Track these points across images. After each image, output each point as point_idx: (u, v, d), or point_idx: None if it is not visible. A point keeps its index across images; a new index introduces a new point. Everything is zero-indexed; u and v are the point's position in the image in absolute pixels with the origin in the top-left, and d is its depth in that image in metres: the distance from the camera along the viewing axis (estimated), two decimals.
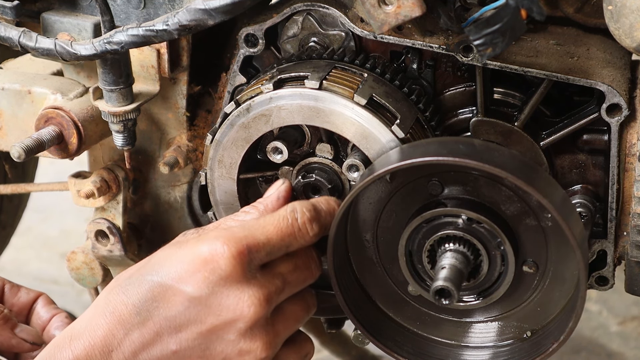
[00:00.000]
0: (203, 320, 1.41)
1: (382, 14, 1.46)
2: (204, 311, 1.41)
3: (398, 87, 1.62)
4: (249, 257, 1.42)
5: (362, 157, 1.57)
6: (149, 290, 1.41)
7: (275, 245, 1.45)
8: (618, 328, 3.14)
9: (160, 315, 1.41)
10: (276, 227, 1.46)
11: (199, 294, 1.40)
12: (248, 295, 1.41)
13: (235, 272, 1.40)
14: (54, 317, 1.64)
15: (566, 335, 1.49)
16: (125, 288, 1.43)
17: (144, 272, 1.44)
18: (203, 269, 1.40)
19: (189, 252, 1.43)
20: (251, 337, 1.42)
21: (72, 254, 1.93)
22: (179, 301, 1.40)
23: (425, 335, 1.64)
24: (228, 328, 1.41)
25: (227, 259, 1.40)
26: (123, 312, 1.41)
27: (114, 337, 1.40)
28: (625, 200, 1.60)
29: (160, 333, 1.41)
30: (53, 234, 3.78)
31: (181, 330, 1.41)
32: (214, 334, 1.42)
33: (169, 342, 1.41)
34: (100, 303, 1.44)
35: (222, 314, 1.41)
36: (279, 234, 1.46)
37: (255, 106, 1.58)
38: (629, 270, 1.64)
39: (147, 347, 1.41)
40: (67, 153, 1.74)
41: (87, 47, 1.57)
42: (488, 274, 1.53)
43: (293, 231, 1.47)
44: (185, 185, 1.90)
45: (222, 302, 1.40)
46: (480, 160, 1.41)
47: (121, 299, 1.42)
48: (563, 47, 1.64)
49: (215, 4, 1.48)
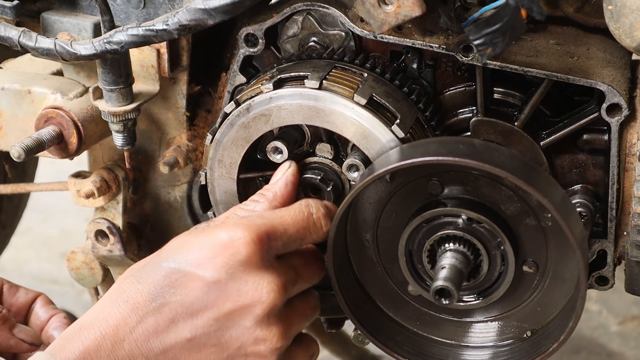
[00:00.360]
0: (220, 306, 1.39)
1: (382, 13, 1.46)
2: (222, 296, 1.39)
3: (398, 86, 1.62)
4: (268, 244, 1.42)
5: (362, 157, 1.57)
6: (165, 277, 1.40)
7: (291, 236, 1.45)
8: (618, 328, 3.14)
9: (177, 301, 1.39)
10: (293, 218, 1.47)
11: (218, 278, 1.39)
12: (267, 282, 1.40)
13: (255, 257, 1.40)
14: (53, 318, 1.62)
15: (566, 335, 1.49)
16: (139, 276, 1.41)
17: (159, 260, 1.42)
18: (222, 253, 1.39)
19: (207, 238, 1.42)
20: (267, 325, 1.41)
21: (72, 254, 1.93)
22: (197, 286, 1.39)
23: (425, 335, 1.64)
24: (245, 314, 1.39)
25: (247, 244, 1.39)
26: (137, 299, 1.39)
27: (127, 325, 1.37)
28: (625, 200, 1.60)
29: (176, 319, 1.38)
30: (53, 234, 3.78)
31: (197, 316, 1.39)
32: (230, 320, 1.40)
33: (184, 329, 1.39)
34: (113, 293, 1.41)
35: (240, 299, 1.39)
36: (295, 226, 1.46)
37: (255, 106, 1.58)
38: (629, 270, 1.64)
39: (160, 333, 1.38)
40: (67, 153, 1.74)
41: (87, 47, 1.57)
42: (488, 273, 1.53)
43: (309, 225, 1.48)
44: (185, 185, 1.90)
45: (241, 287, 1.39)
46: (480, 160, 1.41)
47: (135, 287, 1.40)
48: (563, 46, 1.64)
49: (215, 4, 1.48)
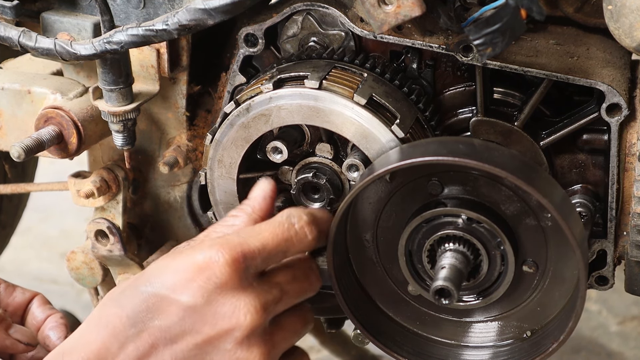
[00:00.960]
0: (199, 330, 1.38)
1: (382, 13, 1.46)
2: (200, 321, 1.38)
3: (398, 86, 1.62)
4: (244, 264, 1.39)
5: (362, 156, 1.57)
6: (143, 301, 1.38)
7: (271, 251, 1.42)
8: (618, 328, 3.14)
9: (155, 326, 1.38)
10: (271, 232, 1.43)
11: (194, 303, 1.37)
12: (244, 303, 1.38)
13: (231, 279, 1.38)
14: (49, 318, 1.61)
15: (566, 335, 1.49)
16: (118, 301, 1.40)
17: (138, 284, 1.41)
18: (198, 277, 1.37)
19: (183, 261, 1.40)
20: (248, 347, 1.39)
21: (71, 254, 1.92)
22: (174, 311, 1.38)
23: (425, 335, 1.64)
24: (224, 338, 1.38)
25: (222, 266, 1.37)
26: (117, 324, 1.38)
27: (108, 351, 1.37)
28: (625, 200, 1.60)
29: (156, 345, 1.38)
30: (53, 234, 3.78)
31: (177, 342, 1.38)
32: (210, 345, 1.38)
33: (164, 354, 1.38)
34: (93, 318, 1.41)
35: (218, 323, 1.38)
36: (274, 240, 1.43)
37: (255, 106, 1.58)
38: (629, 270, 1.64)
39: (143, 358, 1.37)
40: (66, 153, 1.74)
41: (87, 47, 1.57)
42: (488, 273, 1.53)
43: (290, 236, 1.44)
44: (185, 185, 1.90)
45: (218, 311, 1.37)
46: (480, 160, 1.41)
47: (114, 312, 1.39)
48: (563, 46, 1.64)
49: (215, 4, 1.48)
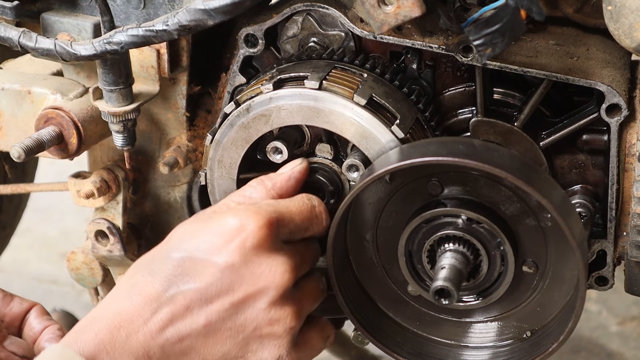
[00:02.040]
0: (236, 290, 1.40)
1: (382, 14, 1.46)
2: (237, 280, 1.40)
3: (398, 87, 1.62)
4: (277, 230, 1.44)
5: (362, 157, 1.57)
6: (177, 266, 1.40)
7: (297, 225, 1.49)
8: (617, 328, 3.14)
9: (191, 289, 1.39)
10: (298, 208, 1.50)
11: (232, 262, 1.40)
12: (280, 264, 1.42)
13: (267, 241, 1.42)
14: (47, 329, 1.58)
15: (566, 335, 1.49)
16: (150, 268, 1.41)
17: (169, 250, 1.43)
18: (235, 239, 1.40)
19: (217, 225, 1.43)
20: (281, 306, 1.42)
21: (71, 254, 1.92)
22: (210, 272, 1.39)
23: (425, 335, 1.64)
24: (260, 296, 1.41)
25: (259, 229, 1.41)
26: (150, 291, 1.38)
27: (141, 316, 1.37)
28: (625, 200, 1.60)
29: (191, 307, 1.39)
30: (53, 234, 3.78)
31: (213, 302, 1.39)
32: (246, 304, 1.41)
33: (199, 315, 1.39)
34: (124, 286, 1.41)
35: (254, 282, 1.40)
36: (300, 216, 1.49)
37: (255, 106, 1.58)
38: (629, 270, 1.64)
39: (176, 322, 1.38)
40: (67, 153, 1.74)
41: (87, 48, 1.57)
42: (488, 274, 1.53)
43: (312, 216, 1.51)
44: (185, 186, 1.90)
45: (255, 270, 1.40)
46: (480, 160, 1.41)
47: (147, 280, 1.40)
48: (563, 47, 1.64)
49: (215, 4, 1.48)
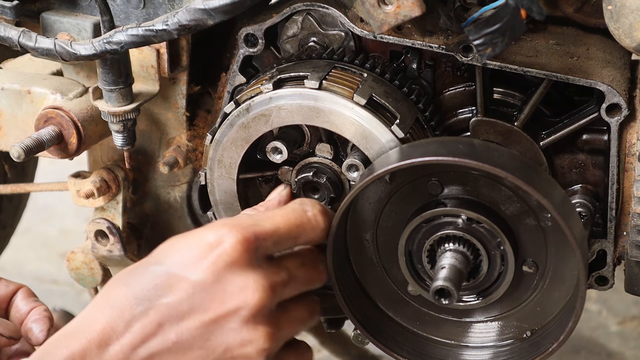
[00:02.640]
0: (207, 308, 1.37)
1: (382, 13, 1.46)
2: (208, 298, 1.37)
3: (398, 87, 1.62)
4: (255, 244, 1.40)
5: (362, 157, 1.57)
6: (151, 280, 1.38)
7: (282, 235, 1.44)
8: (618, 328, 3.14)
9: (163, 304, 1.37)
10: (284, 217, 1.45)
11: (204, 279, 1.37)
12: (253, 282, 1.38)
13: (241, 258, 1.38)
14: (33, 310, 1.58)
15: (566, 335, 1.49)
16: (126, 281, 1.40)
17: (146, 264, 1.41)
18: (208, 254, 1.38)
19: (193, 239, 1.41)
20: (254, 326, 1.39)
21: (71, 254, 1.92)
22: (183, 288, 1.37)
23: (425, 335, 1.64)
24: (231, 316, 1.38)
25: (233, 245, 1.38)
26: (124, 304, 1.37)
27: (113, 330, 1.36)
28: (625, 200, 1.60)
29: (162, 323, 1.37)
30: (53, 234, 3.78)
31: (184, 319, 1.37)
32: (217, 323, 1.38)
33: (170, 332, 1.37)
34: (99, 299, 1.40)
35: (226, 301, 1.37)
36: (287, 224, 1.44)
37: (255, 106, 1.58)
38: (629, 270, 1.64)
39: (148, 338, 1.36)
40: (66, 153, 1.74)
41: (87, 47, 1.57)
42: (488, 273, 1.53)
43: (302, 222, 1.46)
44: (185, 185, 1.90)
45: (227, 288, 1.37)
46: (480, 160, 1.41)
47: (121, 291, 1.38)
48: (563, 47, 1.64)
49: (214, 4, 1.48)
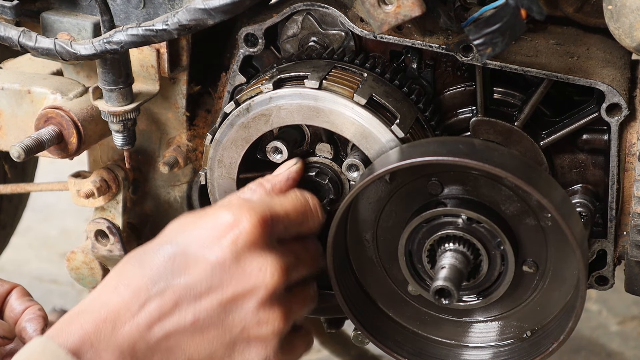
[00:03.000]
0: (225, 287, 1.38)
1: (382, 13, 1.46)
2: (227, 278, 1.38)
3: (398, 86, 1.62)
4: (271, 227, 1.42)
5: (362, 156, 1.57)
6: (167, 260, 1.38)
7: (292, 220, 1.47)
8: (618, 328, 3.14)
9: (181, 284, 1.37)
10: (292, 203, 1.49)
11: (223, 258, 1.38)
12: (270, 263, 1.39)
13: (260, 239, 1.40)
14: (27, 310, 1.57)
15: (566, 335, 1.49)
16: (140, 261, 1.39)
17: (161, 243, 1.41)
18: (227, 234, 1.39)
19: (210, 219, 1.41)
20: (270, 307, 1.40)
21: (71, 254, 1.92)
22: (201, 267, 1.37)
23: (425, 335, 1.64)
24: (249, 296, 1.38)
25: (252, 225, 1.39)
26: (139, 284, 1.36)
27: (128, 310, 1.35)
28: (625, 200, 1.60)
29: (179, 302, 1.36)
30: (53, 234, 3.78)
31: (201, 299, 1.37)
32: (235, 303, 1.38)
33: (187, 311, 1.37)
34: (112, 278, 1.39)
35: (244, 280, 1.38)
36: (295, 211, 1.48)
37: (255, 106, 1.58)
38: (629, 270, 1.64)
39: (163, 318, 1.36)
40: (66, 153, 1.74)
41: (87, 47, 1.57)
42: (488, 273, 1.53)
43: (306, 210, 1.50)
44: (185, 185, 1.90)
45: (246, 269, 1.38)
46: (480, 159, 1.41)
47: (136, 272, 1.38)
48: (563, 46, 1.64)
49: (214, 4, 1.48)
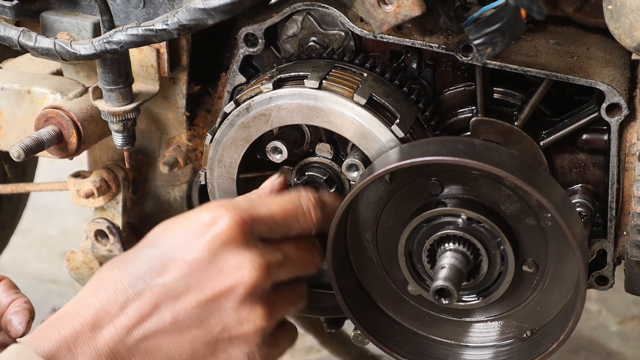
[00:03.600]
0: (203, 287, 1.37)
1: (382, 13, 1.46)
2: (204, 276, 1.37)
3: (398, 86, 1.62)
4: (251, 226, 1.40)
5: (362, 156, 1.57)
6: (146, 262, 1.37)
7: (277, 222, 1.44)
8: (618, 328, 3.14)
9: (159, 284, 1.36)
10: (279, 205, 1.45)
11: (200, 257, 1.37)
12: (249, 260, 1.38)
13: (238, 237, 1.38)
14: (13, 302, 1.56)
15: (566, 334, 1.49)
16: (119, 265, 1.38)
17: (140, 247, 1.40)
18: (204, 233, 1.38)
19: (189, 220, 1.40)
20: (251, 305, 1.38)
21: (71, 254, 1.92)
22: (179, 267, 1.36)
23: (425, 335, 1.64)
24: (228, 295, 1.37)
25: (229, 224, 1.38)
26: (117, 287, 1.35)
27: (107, 313, 1.34)
28: (625, 200, 1.60)
29: (158, 303, 1.35)
30: (53, 234, 3.78)
31: (180, 299, 1.36)
32: (214, 302, 1.37)
33: (166, 312, 1.36)
34: (92, 284, 1.38)
35: (222, 279, 1.37)
36: (281, 212, 1.45)
37: (255, 106, 1.58)
38: (629, 269, 1.64)
39: (143, 320, 1.35)
40: (66, 153, 1.74)
41: (87, 47, 1.57)
42: (488, 273, 1.53)
43: (296, 212, 1.46)
44: (185, 185, 1.90)
45: (223, 267, 1.37)
46: (480, 159, 1.41)
47: (115, 275, 1.37)
48: (563, 46, 1.64)
49: (214, 4, 1.48)
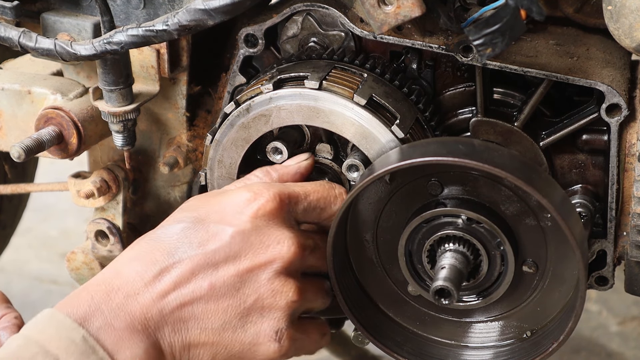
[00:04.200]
0: (243, 257, 1.40)
1: (382, 14, 1.46)
2: (245, 248, 1.40)
3: (398, 87, 1.62)
4: (289, 205, 1.45)
5: (362, 157, 1.57)
6: (186, 231, 1.40)
7: (312, 203, 1.49)
8: (618, 328, 3.14)
9: (198, 254, 1.39)
10: (314, 187, 1.51)
11: (243, 229, 1.41)
12: (287, 237, 1.43)
13: (278, 213, 1.43)
14: (4, 317, 1.55)
15: (566, 335, 1.49)
16: (155, 235, 1.41)
17: (177, 217, 1.43)
18: (247, 208, 1.42)
19: (230, 196, 1.45)
20: (285, 278, 1.43)
21: (71, 254, 1.92)
22: (219, 238, 1.40)
23: (425, 335, 1.64)
24: (265, 267, 1.41)
25: (272, 200, 1.43)
26: (154, 255, 1.38)
27: (142, 279, 1.37)
28: (625, 200, 1.60)
29: (196, 271, 1.38)
30: (53, 234, 3.78)
31: (218, 268, 1.39)
32: (251, 272, 1.41)
33: (204, 280, 1.38)
34: (125, 254, 1.41)
35: (262, 251, 1.41)
36: (316, 194, 1.50)
37: (255, 106, 1.58)
38: (629, 270, 1.64)
39: (179, 286, 1.38)
40: (67, 153, 1.74)
41: (87, 48, 1.57)
42: (488, 273, 1.53)
43: (329, 196, 1.52)
44: (185, 186, 1.90)
45: (264, 240, 1.41)
46: (480, 160, 1.41)
47: (151, 245, 1.40)
48: (563, 47, 1.64)
49: (215, 4, 1.48)
